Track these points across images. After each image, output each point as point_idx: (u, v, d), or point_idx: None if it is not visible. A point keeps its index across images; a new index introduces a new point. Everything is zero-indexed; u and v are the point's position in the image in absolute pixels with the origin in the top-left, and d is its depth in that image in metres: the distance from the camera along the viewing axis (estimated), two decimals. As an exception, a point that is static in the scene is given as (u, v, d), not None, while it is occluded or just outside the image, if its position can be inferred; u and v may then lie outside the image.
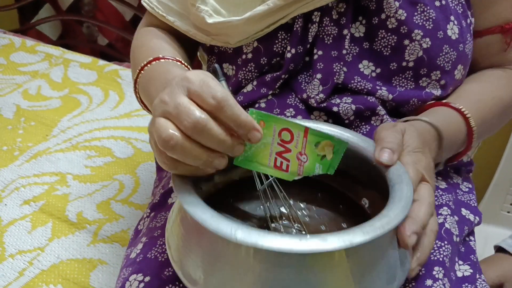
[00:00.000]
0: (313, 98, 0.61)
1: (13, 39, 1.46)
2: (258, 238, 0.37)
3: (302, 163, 0.45)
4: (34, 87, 1.26)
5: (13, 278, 0.78)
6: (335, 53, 0.61)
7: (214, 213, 0.40)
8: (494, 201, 1.19)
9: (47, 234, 0.86)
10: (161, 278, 0.50)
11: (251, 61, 0.63)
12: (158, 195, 0.66)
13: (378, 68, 0.62)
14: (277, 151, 0.44)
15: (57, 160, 1.02)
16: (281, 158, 0.45)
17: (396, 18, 0.59)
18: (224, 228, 0.38)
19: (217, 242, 0.40)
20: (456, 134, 0.59)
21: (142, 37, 0.70)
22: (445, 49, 0.60)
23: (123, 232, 0.86)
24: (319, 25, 0.61)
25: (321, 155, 0.45)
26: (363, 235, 0.38)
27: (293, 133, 0.44)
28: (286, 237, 0.37)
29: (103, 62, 1.38)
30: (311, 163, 0.45)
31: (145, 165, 1.02)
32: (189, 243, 0.43)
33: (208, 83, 0.40)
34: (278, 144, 0.44)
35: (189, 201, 0.42)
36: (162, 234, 0.57)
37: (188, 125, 0.39)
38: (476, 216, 0.63)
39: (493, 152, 1.18)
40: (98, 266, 0.80)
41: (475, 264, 0.58)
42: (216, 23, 0.61)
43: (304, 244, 0.37)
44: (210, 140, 0.40)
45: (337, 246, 0.37)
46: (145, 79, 0.60)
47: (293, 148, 0.45)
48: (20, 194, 0.93)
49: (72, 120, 1.14)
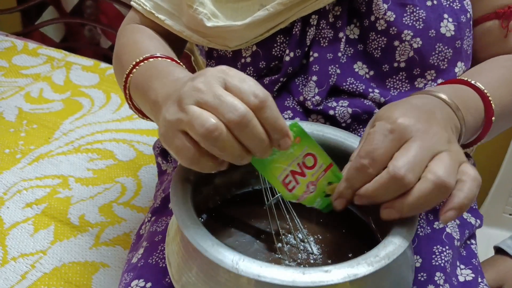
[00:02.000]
0: (309, 100, 0.60)
1: (15, 42, 1.46)
2: (260, 271, 0.37)
3: (308, 192, 0.45)
4: (36, 90, 1.26)
5: (16, 281, 0.78)
6: (330, 55, 0.61)
7: (214, 241, 0.39)
8: (496, 203, 1.19)
9: (49, 237, 0.86)
10: (162, 284, 0.50)
11: (250, 65, 0.63)
12: (159, 199, 0.66)
13: (372, 70, 0.62)
14: (293, 169, 0.44)
15: (59, 163, 1.02)
16: (293, 178, 0.44)
17: (385, 20, 0.58)
18: (226, 259, 0.38)
19: (218, 269, 0.40)
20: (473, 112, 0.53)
21: (129, 35, 0.67)
22: (439, 48, 0.59)
23: (125, 235, 0.86)
24: (317, 28, 0.61)
25: (326, 193, 0.45)
26: (367, 266, 0.37)
27: (317, 162, 0.43)
28: (289, 270, 0.37)
29: (105, 65, 1.38)
30: (315, 196, 0.45)
31: (147, 168, 1.02)
32: (189, 264, 0.42)
33: (248, 80, 0.39)
34: (298, 164, 0.43)
35: (189, 225, 0.41)
36: (163, 240, 0.57)
37: (234, 119, 0.37)
38: (477, 219, 0.63)
39: (495, 154, 1.18)
40: (100, 269, 0.80)
41: (476, 268, 0.58)
42: (215, 27, 0.60)
43: (307, 277, 0.36)
44: (251, 137, 0.38)
45: (341, 279, 0.36)
46: (143, 76, 0.56)
47: (308, 175, 0.44)
48: (22, 197, 0.93)
49: (74, 122, 1.14)
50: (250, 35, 0.61)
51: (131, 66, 0.57)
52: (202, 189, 0.51)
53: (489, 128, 0.54)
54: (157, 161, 0.78)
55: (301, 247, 0.49)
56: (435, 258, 0.53)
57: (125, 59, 0.61)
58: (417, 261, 0.54)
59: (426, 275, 0.51)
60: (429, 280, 0.50)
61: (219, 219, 0.51)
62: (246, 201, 0.54)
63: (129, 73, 0.57)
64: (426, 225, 0.57)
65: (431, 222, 0.58)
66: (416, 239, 0.56)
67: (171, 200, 0.44)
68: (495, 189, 1.18)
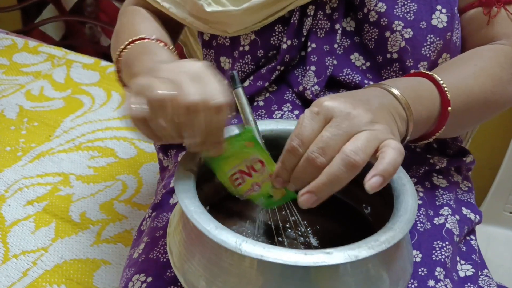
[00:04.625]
0: (309, 90, 0.61)
1: (16, 40, 1.46)
2: (263, 252, 0.37)
3: (252, 191, 0.48)
4: (37, 87, 1.26)
5: (17, 278, 0.79)
6: (327, 47, 0.62)
7: (217, 224, 0.40)
8: (497, 202, 1.19)
9: (50, 234, 0.86)
10: (163, 279, 0.51)
11: (248, 53, 0.64)
12: (159, 195, 0.67)
13: (368, 61, 0.63)
14: (242, 169, 0.47)
15: (60, 161, 1.02)
16: (240, 176, 0.47)
17: (376, 11, 0.60)
18: (229, 240, 0.38)
19: (220, 253, 0.40)
20: (425, 102, 0.53)
21: (129, 16, 0.70)
22: (430, 39, 0.60)
23: (126, 232, 0.86)
24: (313, 18, 0.62)
25: (269, 195, 0.48)
26: (368, 249, 0.38)
27: (265, 168, 0.46)
28: (292, 251, 0.37)
29: (105, 62, 1.38)
30: (258, 195, 0.48)
31: (148, 166, 1.03)
32: (191, 251, 0.43)
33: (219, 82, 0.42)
34: (246, 166, 0.47)
35: (193, 210, 0.41)
36: (164, 235, 0.57)
37: (185, 100, 0.41)
38: (476, 215, 0.63)
39: (495, 153, 1.18)
40: (102, 266, 0.80)
41: (477, 263, 0.58)
42: (215, 12, 0.62)
43: (309, 258, 0.37)
44: (189, 126, 0.41)
45: (342, 260, 0.37)
46: (134, 52, 0.60)
47: (254, 177, 0.47)
48: (23, 195, 0.93)
49: (75, 120, 1.15)
50: (249, 21, 0.61)
51: (126, 43, 0.61)
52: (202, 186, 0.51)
53: (445, 118, 0.54)
54: (158, 158, 0.78)
55: (301, 240, 0.49)
56: (435, 253, 0.53)
57: (122, 37, 0.65)
58: (418, 256, 0.54)
59: (426, 270, 0.51)
60: (429, 275, 0.51)
61: (219, 213, 0.52)
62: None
63: (123, 48, 0.62)
64: (426, 220, 0.58)
65: (431, 217, 0.59)
66: (416, 234, 0.56)
67: (175, 186, 0.44)
68: (495, 188, 1.18)
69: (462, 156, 0.67)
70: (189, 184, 0.45)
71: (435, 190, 0.62)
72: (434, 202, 0.61)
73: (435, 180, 0.63)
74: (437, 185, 0.63)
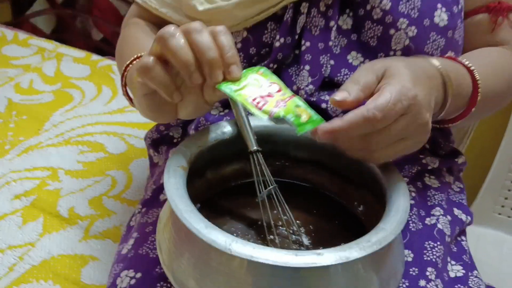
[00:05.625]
0: (303, 89, 0.61)
1: (5, 32, 1.44)
2: (253, 252, 0.37)
3: (278, 106, 0.46)
4: (26, 80, 1.25)
5: (3, 273, 0.78)
6: (321, 45, 0.61)
7: (207, 223, 0.40)
8: (486, 202, 1.20)
9: (38, 229, 0.85)
10: (152, 275, 0.50)
11: (240, 51, 0.64)
12: (149, 190, 0.66)
13: (367, 59, 0.62)
14: (261, 94, 0.47)
15: (49, 155, 1.01)
16: (261, 100, 0.47)
17: (380, 8, 0.59)
18: (219, 240, 0.38)
19: (210, 252, 0.40)
20: (462, 85, 0.56)
21: (133, 30, 0.71)
22: (432, 37, 0.60)
23: (115, 228, 0.86)
24: (307, 16, 0.61)
25: (297, 114, 0.46)
26: (359, 250, 0.38)
27: (281, 90, 0.48)
28: (282, 252, 0.37)
29: (96, 57, 1.37)
30: (286, 111, 0.46)
31: (138, 161, 1.02)
32: (180, 249, 0.42)
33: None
34: (265, 90, 0.48)
35: (182, 208, 0.41)
36: (154, 231, 0.57)
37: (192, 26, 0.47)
38: (467, 216, 0.64)
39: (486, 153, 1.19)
40: (90, 262, 0.80)
41: (467, 264, 0.59)
42: (207, 10, 0.61)
43: (300, 258, 0.37)
44: (201, 43, 0.45)
45: (333, 261, 0.37)
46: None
47: (276, 96, 0.47)
48: (11, 189, 0.92)
49: (64, 114, 1.13)
50: (241, 16, 0.61)
51: (131, 59, 0.62)
52: (194, 181, 0.51)
53: (475, 102, 0.57)
54: (149, 154, 0.78)
55: (293, 238, 0.49)
56: (427, 253, 0.53)
57: (126, 51, 0.66)
58: (409, 256, 0.54)
59: (418, 270, 0.51)
60: (420, 275, 0.51)
61: (210, 211, 0.51)
62: (238, 194, 0.54)
63: (129, 64, 0.62)
64: (417, 220, 0.58)
65: (423, 217, 0.59)
66: (408, 234, 0.56)
67: (164, 184, 0.44)
68: (485, 188, 1.19)
69: (454, 157, 0.67)
70: (179, 182, 0.44)
71: (427, 191, 0.62)
72: (426, 202, 0.61)
73: (427, 180, 0.64)
74: (429, 185, 0.63)
